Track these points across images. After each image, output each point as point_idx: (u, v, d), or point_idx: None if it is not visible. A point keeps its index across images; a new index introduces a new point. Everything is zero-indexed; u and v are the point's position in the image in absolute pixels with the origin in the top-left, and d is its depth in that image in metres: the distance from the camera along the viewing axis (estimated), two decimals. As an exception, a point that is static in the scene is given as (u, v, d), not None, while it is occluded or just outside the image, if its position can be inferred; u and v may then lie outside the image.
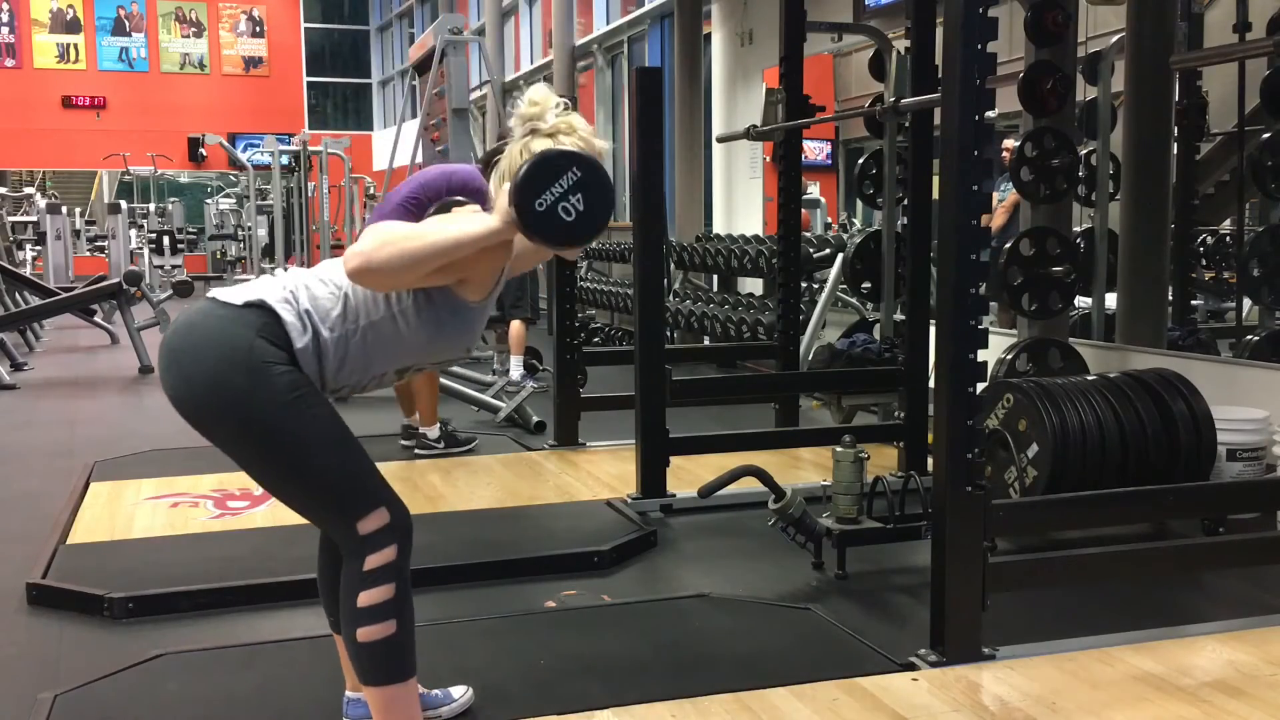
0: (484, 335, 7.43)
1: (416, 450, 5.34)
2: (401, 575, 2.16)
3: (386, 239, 2.03)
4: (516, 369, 7.04)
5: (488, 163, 2.26)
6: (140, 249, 16.22)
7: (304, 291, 2.17)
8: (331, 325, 2.16)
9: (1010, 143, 6.06)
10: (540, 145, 2.12)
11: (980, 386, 2.80)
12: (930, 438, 3.01)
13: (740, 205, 9.65)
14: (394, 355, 2.23)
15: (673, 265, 8.73)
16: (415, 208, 2.20)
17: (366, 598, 2.13)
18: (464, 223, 2.08)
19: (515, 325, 7.17)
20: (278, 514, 4.28)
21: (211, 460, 5.16)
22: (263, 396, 2.08)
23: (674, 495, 4.36)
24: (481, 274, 2.18)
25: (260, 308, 2.13)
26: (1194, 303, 6.02)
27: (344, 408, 2.28)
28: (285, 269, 14.93)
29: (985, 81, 2.70)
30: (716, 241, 8.51)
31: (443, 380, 6.65)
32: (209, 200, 21.28)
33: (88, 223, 20.73)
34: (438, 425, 5.37)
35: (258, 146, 17.80)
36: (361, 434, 2.31)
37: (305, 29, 23.50)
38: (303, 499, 2.21)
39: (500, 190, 2.11)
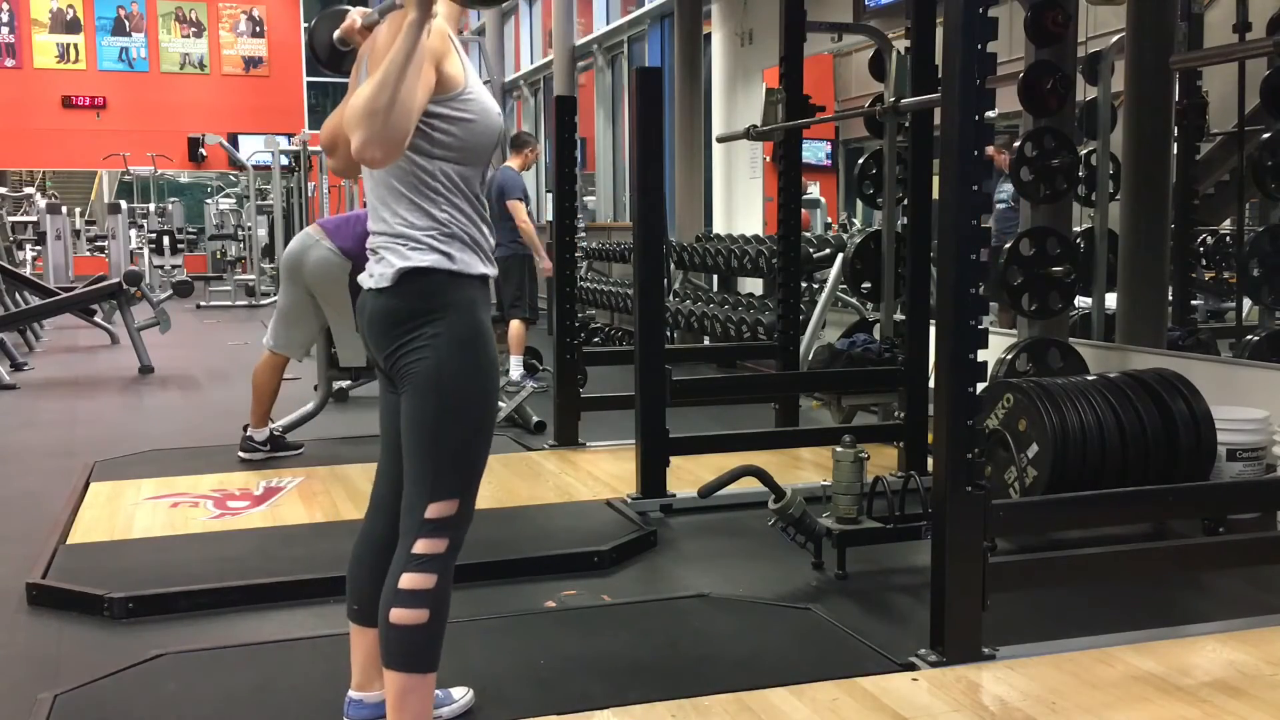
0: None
1: (240, 453, 5.29)
2: (445, 569, 2.21)
3: (352, 116, 2.01)
4: (516, 369, 7.04)
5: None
6: (140, 249, 16.20)
7: (401, 224, 2.19)
8: (442, 222, 2.18)
9: (992, 149, 6.04)
10: None
11: (980, 386, 2.80)
12: (930, 438, 3.01)
13: (740, 205, 9.65)
14: (477, 173, 2.24)
15: (673, 265, 8.73)
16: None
17: (409, 580, 2.17)
18: (393, 47, 2.02)
19: (515, 325, 7.18)
20: (278, 514, 4.28)
21: (211, 460, 5.20)
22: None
23: (674, 495, 4.36)
24: (438, 53, 2.11)
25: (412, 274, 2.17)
26: (1194, 303, 6.02)
27: (346, 408, 2.28)
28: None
29: (985, 81, 2.70)
30: (716, 241, 8.50)
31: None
32: (209, 200, 21.27)
33: (88, 223, 20.71)
34: (267, 428, 5.35)
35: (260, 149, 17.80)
36: (362, 434, 2.31)
37: (305, 29, 23.49)
38: (422, 450, 2.20)
39: None
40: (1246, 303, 5.99)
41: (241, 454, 5.27)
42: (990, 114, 2.76)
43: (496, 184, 7.07)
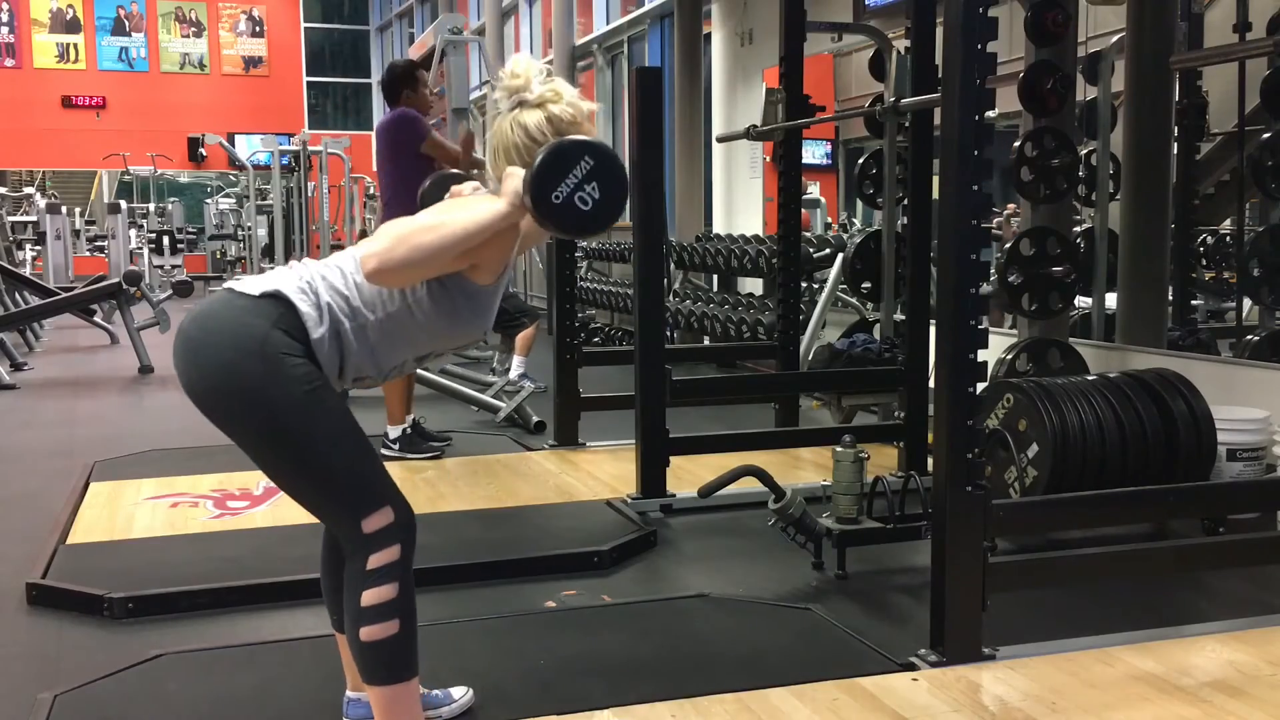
0: (486, 335, 7.41)
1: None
2: (405, 575, 2.16)
3: (399, 236, 2.03)
4: (517, 369, 7.03)
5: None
6: (140, 249, 16.21)
7: (321, 282, 2.16)
8: (349, 315, 2.15)
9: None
10: (529, 117, 2.14)
11: (980, 386, 2.80)
12: (930, 438, 3.01)
13: (740, 205, 9.65)
14: (412, 343, 2.23)
15: (673, 265, 8.73)
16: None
17: (370, 596, 2.13)
18: (473, 210, 2.07)
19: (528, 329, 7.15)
20: (278, 514, 4.28)
21: (211, 460, 5.20)
22: (277, 388, 2.08)
23: (674, 495, 4.36)
24: (493, 257, 2.16)
25: (277, 298, 2.12)
26: (1194, 303, 6.02)
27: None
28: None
29: (985, 81, 2.70)
30: (716, 241, 8.50)
31: (442, 380, 6.66)
32: (209, 200, 21.28)
33: (88, 223, 20.72)
34: (401, 426, 5.26)
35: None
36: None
37: (305, 29, 23.50)
38: (311, 494, 2.20)
39: (505, 172, 2.11)
40: (1246, 303, 5.98)
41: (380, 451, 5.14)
42: (990, 114, 2.75)
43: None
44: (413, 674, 2.20)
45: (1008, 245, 4.54)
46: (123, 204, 16.51)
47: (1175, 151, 5.64)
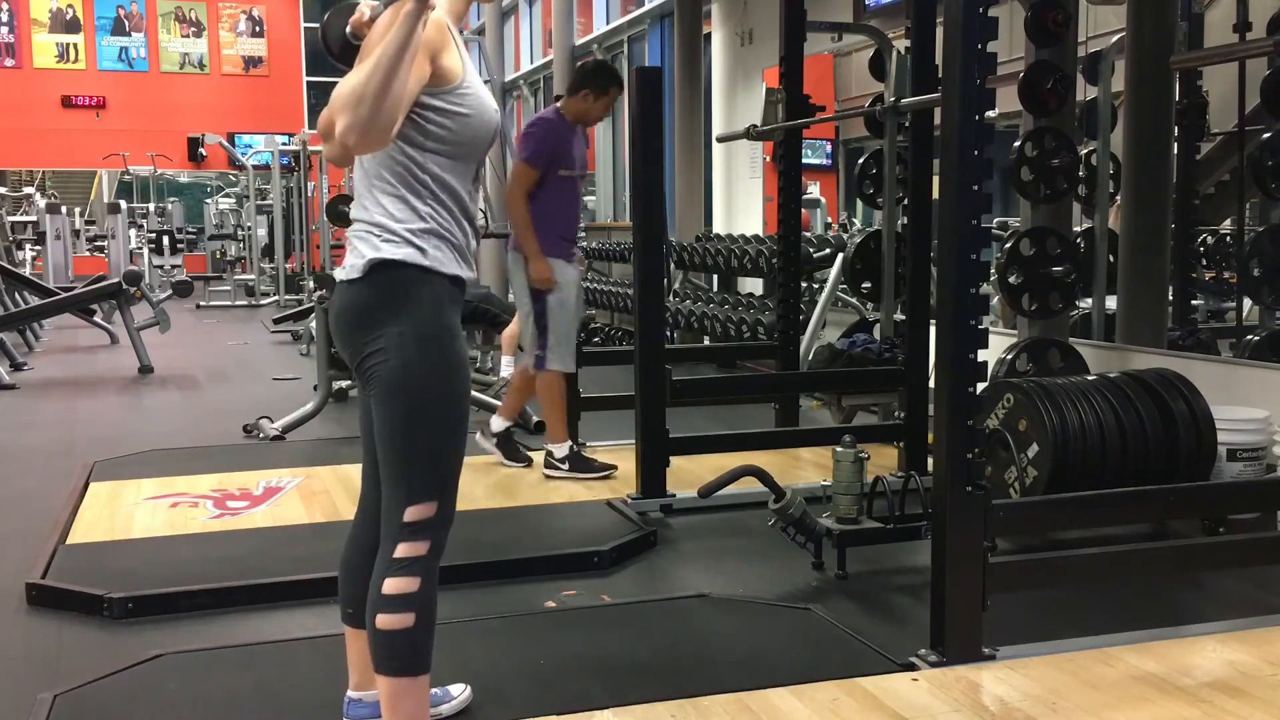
0: (474, 334, 7.39)
1: (544, 470, 4.92)
2: (429, 571, 2.18)
3: (342, 101, 1.99)
4: (506, 367, 7.01)
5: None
6: (140, 249, 16.20)
7: (380, 213, 2.17)
8: (422, 216, 2.16)
9: None
10: None
11: (980, 386, 2.80)
12: (930, 438, 3.01)
13: (740, 205, 9.65)
14: (468, 170, 2.23)
15: (673, 265, 8.73)
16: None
17: (391, 585, 2.15)
18: (386, 30, 2.02)
19: (510, 326, 7.15)
20: (278, 514, 4.28)
21: (211, 460, 5.20)
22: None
23: (674, 495, 4.36)
24: (434, 45, 2.10)
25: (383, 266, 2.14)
26: (1194, 303, 6.02)
27: (346, 408, 2.28)
28: (288, 268, 14.96)
29: (985, 81, 2.71)
30: (716, 241, 8.50)
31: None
32: (209, 200, 21.26)
33: (87, 223, 20.71)
34: (567, 443, 4.94)
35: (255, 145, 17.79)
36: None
37: (305, 29, 23.47)
38: (391, 453, 2.18)
39: None
40: (1246, 303, 5.98)
41: (546, 471, 4.90)
42: (990, 114, 2.76)
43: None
44: (423, 671, 2.20)
45: (1008, 245, 4.53)
46: (123, 204, 16.50)
47: (1175, 151, 5.64)
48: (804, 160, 5.66)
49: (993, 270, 4.58)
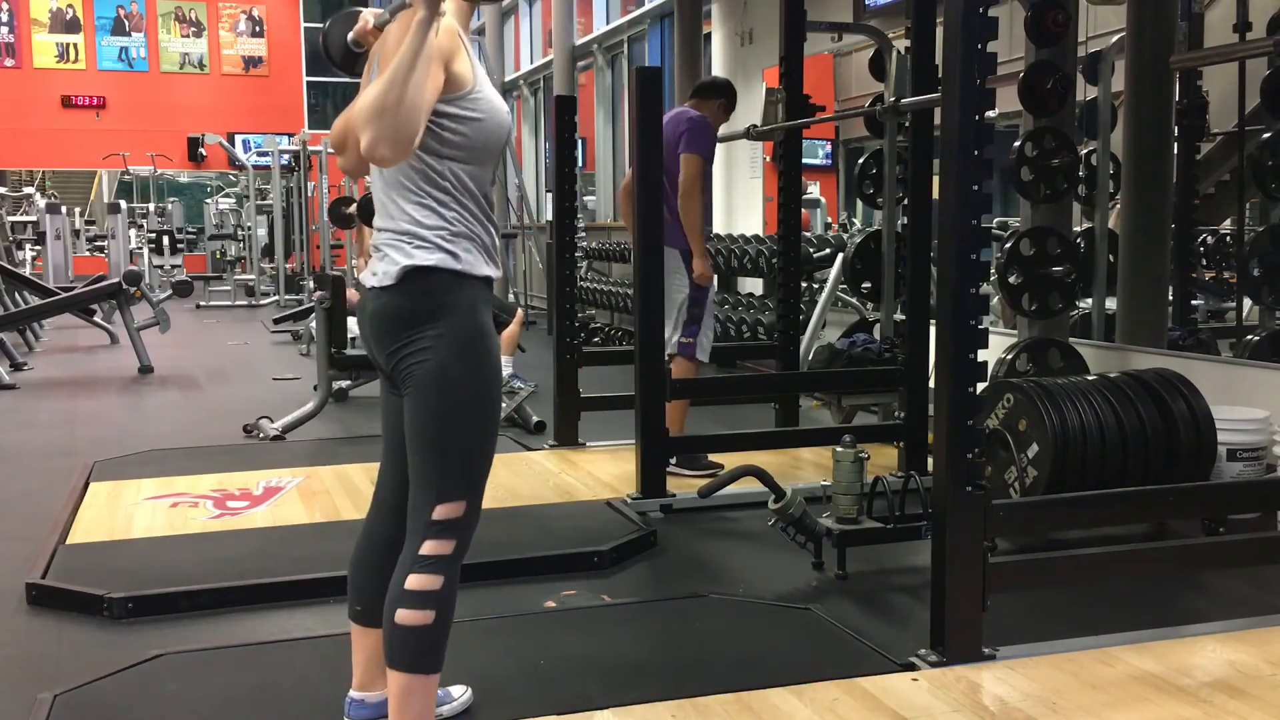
0: None
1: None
2: (452, 570, 2.20)
3: (361, 114, 2.02)
4: (506, 369, 7.02)
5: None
6: (140, 249, 16.20)
7: (407, 222, 2.19)
8: (449, 221, 2.19)
9: None
10: None
11: (980, 386, 2.80)
12: (930, 438, 3.00)
13: (740, 205, 9.65)
14: (486, 173, 2.26)
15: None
16: None
17: (415, 581, 2.17)
18: (400, 41, 2.03)
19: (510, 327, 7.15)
20: (277, 514, 4.28)
21: (211, 460, 5.20)
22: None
23: (674, 495, 4.36)
24: (446, 52, 2.12)
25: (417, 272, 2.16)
26: (1194, 303, 6.02)
27: (346, 408, 2.28)
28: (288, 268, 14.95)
29: (985, 81, 2.70)
30: (716, 241, 8.50)
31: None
32: (209, 200, 21.26)
33: (87, 223, 20.71)
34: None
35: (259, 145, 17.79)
36: (362, 434, 2.32)
37: (305, 29, 23.47)
38: (423, 451, 2.19)
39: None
40: (1247, 303, 5.98)
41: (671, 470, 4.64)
42: (990, 114, 2.75)
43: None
44: (435, 670, 2.22)
45: (1008, 245, 4.53)
46: (122, 204, 16.50)
47: (1175, 151, 5.64)
48: (804, 160, 5.65)
49: (993, 270, 4.58)
